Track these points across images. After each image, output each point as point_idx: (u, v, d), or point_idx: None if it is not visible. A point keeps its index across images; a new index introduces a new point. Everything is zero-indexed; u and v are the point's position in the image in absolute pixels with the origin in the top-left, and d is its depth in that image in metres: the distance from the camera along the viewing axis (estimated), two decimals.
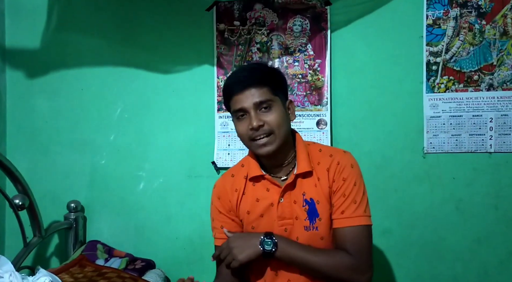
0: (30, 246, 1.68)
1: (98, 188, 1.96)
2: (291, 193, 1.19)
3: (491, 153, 1.67)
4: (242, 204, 1.23)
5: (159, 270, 1.79)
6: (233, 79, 1.19)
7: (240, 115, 1.15)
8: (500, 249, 1.66)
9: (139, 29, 1.92)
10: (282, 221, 1.18)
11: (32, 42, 1.99)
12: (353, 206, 1.14)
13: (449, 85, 1.70)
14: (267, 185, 1.21)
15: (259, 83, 1.13)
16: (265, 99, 1.13)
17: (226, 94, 1.19)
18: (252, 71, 1.18)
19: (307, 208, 1.17)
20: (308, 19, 1.79)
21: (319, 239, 1.17)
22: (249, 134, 1.13)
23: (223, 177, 1.30)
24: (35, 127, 2.00)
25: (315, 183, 1.18)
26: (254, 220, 1.20)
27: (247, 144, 1.17)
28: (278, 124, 1.13)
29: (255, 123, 1.11)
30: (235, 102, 1.15)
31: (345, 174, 1.16)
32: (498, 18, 1.66)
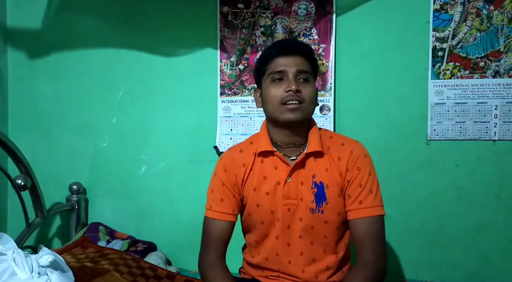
0: (32, 226, 1.69)
1: (100, 170, 1.96)
2: (300, 173, 1.18)
3: (495, 140, 1.66)
4: (248, 180, 1.20)
5: (161, 253, 1.80)
6: (280, 44, 1.22)
7: (278, 78, 1.14)
8: (501, 237, 1.66)
9: (142, 11, 1.90)
10: (286, 201, 1.17)
11: (34, 23, 1.98)
12: (371, 196, 1.14)
13: (454, 72, 1.68)
14: (276, 162, 1.19)
15: (305, 54, 1.15)
16: (306, 70, 1.15)
17: (267, 55, 1.17)
18: (302, 43, 1.23)
19: (316, 190, 1.16)
20: (313, 3, 1.76)
21: (323, 223, 1.17)
22: (284, 96, 1.12)
23: (231, 150, 1.27)
24: (37, 108, 2.00)
25: (326, 167, 1.17)
26: (260, 197, 1.19)
27: (274, 110, 1.14)
28: (310, 98, 1.14)
29: (294, 86, 1.11)
30: (276, 64, 1.14)
31: (359, 164, 1.16)
32: (507, 4, 1.63)
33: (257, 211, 1.20)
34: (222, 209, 1.20)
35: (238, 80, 1.84)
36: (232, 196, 1.22)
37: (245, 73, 1.83)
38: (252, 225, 1.23)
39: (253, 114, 1.84)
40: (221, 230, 1.20)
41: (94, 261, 1.40)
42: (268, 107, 1.16)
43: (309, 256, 1.18)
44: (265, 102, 1.17)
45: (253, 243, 1.25)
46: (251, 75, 1.82)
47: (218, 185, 1.23)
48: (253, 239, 1.25)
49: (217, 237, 1.20)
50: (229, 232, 1.21)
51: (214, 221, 1.20)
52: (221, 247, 1.20)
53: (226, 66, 1.85)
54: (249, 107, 1.84)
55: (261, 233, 1.21)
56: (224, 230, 1.20)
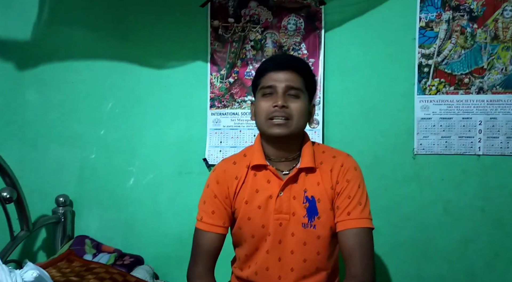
0: (17, 239, 1.66)
1: (87, 182, 1.94)
2: (292, 188, 1.18)
3: (479, 155, 1.69)
4: (240, 193, 1.21)
5: (148, 266, 1.78)
6: (274, 59, 1.27)
7: (268, 93, 1.16)
8: (487, 251, 1.68)
9: (133, 24, 1.91)
10: (278, 215, 1.17)
11: (23, 34, 1.96)
12: (359, 208, 1.15)
13: (440, 88, 1.72)
14: (269, 176, 1.20)
15: (296, 70, 1.16)
16: (296, 86, 1.15)
17: (261, 70, 1.20)
18: (294, 58, 1.26)
19: (307, 205, 1.17)
20: (302, 18, 1.79)
21: (315, 238, 1.17)
22: (270, 111, 1.13)
23: (225, 162, 1.28)
24: (24, 120, 1.98)
25: (318, 181, 1.18)
26: (251, 211, 1.19)
27: (262, 124, 1.16)
28: (299, 114, 1.15)
29: (280, 101, 1.12)
30: (267, 79, 1.16)
31: (349, 176, 1.17)
32: (490, 22, 1.68)
33: (248, 224, 1.20)
34: (213, 221, 1.21)
35: (228, 93, 1.85)
36: (223, 208, 1.22)
37: (235, 86, 1.85)
38: (242, 239, 1.23)
39: (243, 127, 1.85)
40: (211, 242, 1.20)
41: (80, 276, 1.39)
42: (257, 120, 1.19)
43: (300, 273, 1.18)
44: (256, 115, 1.20)
45: (243, 257, 1.25)
46: (241, 88, 1.84)
47: (210, 196, 1.23)
48: (243, 253, 1.24)
49: (206, 249, 1.20)
50: (219, 245, 1.22)
51: (205, 233, 1.20)
52: (210, 259, 1.20)
53: (216, 79, 1.86)
54: (239, 119, 1.85)
55: (252, 247, 1.21)
56: (214, 243, 1.20)
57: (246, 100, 1.84)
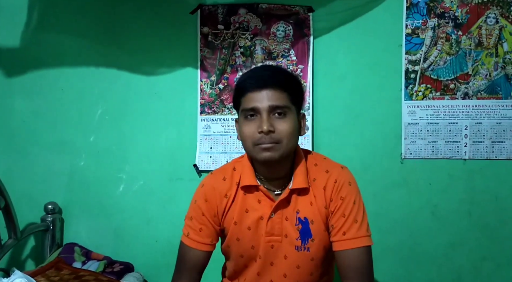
0: (5, 248, 1.64)
1: (77, 190, 1.93)
2: (284, 210, 1.12)
3: (465, 159, 1.72)
4: (229, 212, 1.15)
5: (138, 274, 1.77)
6: (252, 75, 1.09)
7: (250, 115, 1.06)
8: (474, 254, 1.71)
9: (122, 31, 1.91)
10: (269, 237, 1.12)
11: (11, 41, 1.95)
12: (355, 226, 1.08)
13: (426, 93, 1.75)
14: (260, 196, 1.13)
15: (279, 86, 1.05)
16: (282, 105, 1.04)
17: (239, 89, 1.09)
18: (275, 72, 1.09)
19: (300, 227, 1.11)
20: (291, 25, 1.82)
21: (309, 260, 1.12)
22: (256, 137, 1.04)
23: (214, 178, 1.19)
24: (12, 127, 1.96)
25: (310, 201, 1.12)
26: (240, 232, 1.14)
27: (248, 148, 1.08)
28: (288, 135, 1.05)
29: (265, 127, 1.01)
30: (248, 100, 1.05)
31: (343, 193, 1.10)
32: (474, 29, 1.72)
33: (237, 244, 1.16)
34: (200, 238, 1.16)
35: (218, 99, 1.86)
36: (211, 226, 1.17)
37: (225, 92, 1.86)
38: (231, 257, 1.21)
39: (233, 133, 1.86)
40: (197, 259, 1.17)
41: None
42: (244, 145, 1.10)
43: None
44: (241, 138, 1.11)
45: (231, 272, 1.23)
46: (231, 94, 1.85)
47: (197, 214, 1.17)
48: (231, 268, 1.22)
49: (192, 265, 1.17)
50: (205, 261, 1.18)
51: (191, 249, 1.17)
52: (195, 274, 1.17)
53: (206, 85, 1.87)
54: (229, 125, 1.86)
55: (241, 265, 1.19)
56: (200, 259, 1.17)
57: None
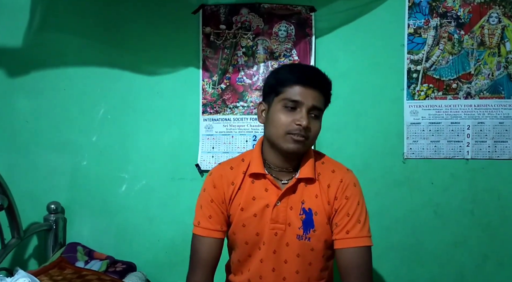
0: (8, 247, 1.65)
1: (79, 189, 1.93)
2: (290, 198, 1.17)
3: (468, 159, 1.72)
4: (236, 199, 1.20)
5: (140, 273, 1.78)
6: (304, 71, 1.15)
7: (291, 106, 1.11)
8: (476, 253, 1.71)
9: (125, 30, 1.91)
10: (274, 225, 1.16)
11: (14, 41, 1.95)
12: (358, 226, 1.13)
13: (428, 93, 1.75)
14: (267, 185, 1.18)
15: (323, 90, 1.14)
16: (320, 107, 1.14)
17: (288, 78, 1.12)
18: (324, 76, 1.17)
19: (304, 217, 1.15)
20: (293, 25, 1.82)
21: (309, 250, 1.16)
22: (292, 127, 1.10)
23: (221, 167, 1.25)
24: (15, 127, 1.96)
25: (316, 193, 1.17)
26: (247, 218, 1.18)
27: (278, 137, 1.12)
28: (316, 135, 1.15)
29: (305, 122, 1.09)
30: (293, 92, 1.10)
31: (348, 193, 1.16)
32: (476, 29, 1.72)
33: (242, 231, 1.19)
34: (210, 225, 1.19)
35: (220, 99, 1.86)
36: (220, 212, 1.20)
37: (227, 92, 1.86)
38: (235, 244, 1.23)
39: (235, 133, 1.86)
40: (210, 248, 1.19)
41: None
42: (272, 130, 1.14)
43: None
44: (270, 123, 1.15)
45: (235, 261, 1.25)
46: (233, 94, 1.85)
47: (206, 201, 1.21)
48: (235, 258, 1.25)
49: (205, 257, 1.18)
50: (218, 250, 1.20)
51: (203, 238, 1.19)
52: (209, 268, 1.19)
53: (208, 85, 1.87)
54: (231, 125, 1.86)
55: (244, 253, 1.21)
56: (212, 248, 1.19)
57: (238, 106, 1.85)
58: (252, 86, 1.85)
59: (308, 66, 1.54)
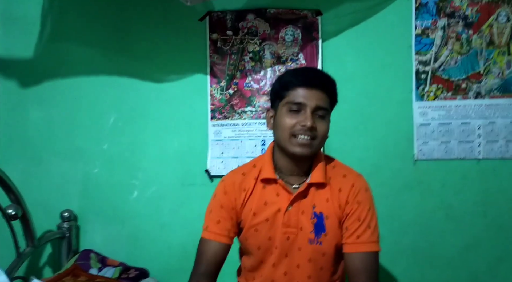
0: (23, 256, 1.67)
1: (91, 197, 1.96)
2: (301, 202, 1.18)
3: (479, 159, 1.70)
4: (247, 204, 1.21)
5: (153, 279, 1.79)
6: (304, 73, 1.18)
7: (295, 109, 1.12)
8: (489, 255, 1.68)
9: (133, 39, 1.93)
10: (286, 229, 1.17)
11: (25, 52, 1.99)
12: (368, 232, 1.14)
13: (438, 93, 1.73)
14: (278, 189, 1.19)
15: (326, 90, 1.14)
16: (325, 107, 1.14)
17: (289, 82, 1.15)
18: (325, 76, 1.18)
19: (315, 221, 1.16)
20: (299, 29, 1.82)
21: (321, 255, 1.17)
22: (297, 129, 1.11)
23: (234, 173, 1.27)
24: (27, 136, 2.00)
25: (327, 197, 1.17)
26: (259, 223, 1.19)
27: (284, 140, 1.14)
28: (323, 135, 1.15)
29: (309, 123, 1.09)
30: (296, 94, 1.12)
31: (360, 198, 1.16)
32: (485, 28, 1.70)
33: (254, 236, 1.20)
34: (218, 230, 1.20)
35: (228, 104, 1.87)
36: (229, 218, 1.21)
37: (235, 97, 1.87)
38: (248, 250, 1.24)
39: (244, 138, 1.87)
40: (215, 251, 1.19)
41: None
42: (279, 134, 1.16)
43: None
44: (277, 128, 1.17)
45: (248, 267, 1.25)
46: (241, 99, 1.86)
47: (216, 206, 1.23)
48: (249, 264, 1.25)
49: (209, 257, 1.19)
50: (222, 254, 1.21)
51: (209, 242, 1.20)
52: (212, 267, 1.19)
53: (216, 90, 1.88)
54: (240, 130, 1.87)
55: (257, 259, 1.22)
56: (217, 252, 1.19)
57: (246, 110, 1.86)
58: (260, 90, 1.85)
59: (311, 68, 1.57)
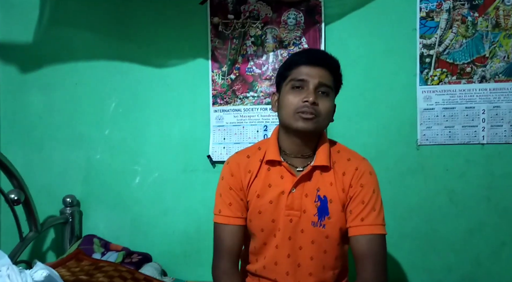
0: (26, 240, 1.68)
1: (94, 182, 1.96)
2: (305, 185, 1.18)
3: (483, 144, 1.69)
4: (253, 186, 1.21)
5: (156, 264, 1.80)
6: (308, 53, 1.21)
7: (297, 86, 1.14)
8: (492, 240, 1.68)
9: (133, 23, 1.91)
10: (289, 211, 1.17)
11: (25, 37, 1.98)
12: (373, 214, 1.14)
13: (442, 78, 1.71)
14: (282, 172, 1.19)
15: (329, 68, 1.15)
16: (328, 84, 1.14)
17: (293, 62, 1.17)
18: (328, 55, 1.20)
19: (319, 204, 1.16)
20: (302, 12, 1.79)
21: (324, 237, 1.17)
22: (300, 105, 1.11)
23: (238, 155, 1.27)
24: (29, 122, 2.00)
25: (331, 181, 1.18)
26: (262, 205, 1.19)
27: (288, 117, 1.14)
28: (326, 113, 1.14)
29: (311, 98, 1.10)
30: (299, 72, 1.14)
31: (363, 181, 1.16)
32: (491, 10, 1.67)
33: (258, 217, 1.20)
34: (231, 213, 1.21)
35: (230, 90, 1.85)
36: (239, 199, 1.22)
37: (236, 82, 1.85)
38: (251, 232, 1.24)
39: (246, 123, 1.86)
40: (233, 235, 1.20)
41: (89, 274, 1.40)
42: (283, 112, 1.16)
43: (306, 270, 1.19)
44: (281, 107, 1.18)
45: (252, 249, 1.26)
46: (243, 84, 1.84)
47: (225, 189, 1.23)
48: (252, 246, 1.25)
49: (229, 244, 1.20)
50: (240, 237, 1.22)
51: (225, 226, 1.21)
52: (234, 254, 1.21)
53: (218, 76, 1.86)
54: (242, 116, 1.86)
55: (260, 241, 1.22)
56: (235, 235, 1.21)
57: (248, 96, 1.85)
58: (262, 75, 1.83)
59: (314, 49, 1.60)
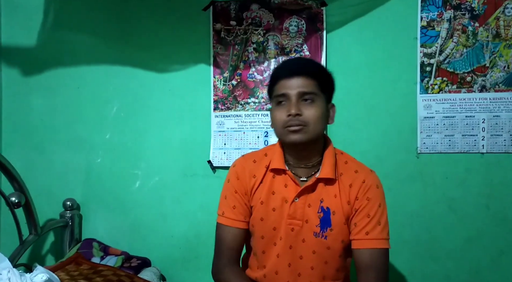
0: (25, 243, 1.68)
1: (94, 186, 1.96)
2: (308, 196, 1.18)
3: (483, 153, 1.70)
4: (257, 192, 1.21)
5: (155, 268, 1.80)
6: (284, 65, 1.23)
7: (281, 101, 1.14)
8: (491, 248, 1.68)
9: (136, 28, 1.92)
10: (291, 220, 1.17)
11: (28, 40, 1.99)
12: (378, 228, 1.14)
13: (442, 86, 1.72)
14: (287, 180, 1.20)
15: (308, 74, 1.13)
16: (309, 91, 1.12)
17: (273, 78, 1.18)
18: (305, 63, 1.21)
19: (322, 215, 1.16)
20: (304, 20, 1.80)
21: (325, 248, 1.17)
22: (285, 120, 1.12)
23: (244, 159, 1.27)
24: (30, 125, 2.00)
25: (335, 193, 1.17)
26: (266, 212, 1.19)
27: (279, 132, 1.15)
28: (315, 119, 1.12)
29: (293, 110, 1.10)
30: (280, 87, 1.14)
31: (370, 194, 1.16)
32: (491, 21, 1.68)
33: (260, 224, 1.20)
34: (234, 216, 1.22)
35: (231, 95, 1.86)
36: (244, 204, 1.22)
37: (238, 88, 1.86)
38: (253, 238, 1.24)
39: (246, 129, 1.86)
40: (234, 237, 1.21)
41: (88, 278, 1.41)
42: (274, 129, 1.18)
43: (306, 280, 1.19)
44: (272, 123, 1.19)
45: (252, 256, 1.26)
46: (244, 90, 1.85)
47: (231, 192, 1.23)
48: (253, 252, 1.26)
49: (230, 244, 1.21)
50: (241, 240, 1.23)
51: (227, 228, 1.21)
52: (234, 253, 1.21)
53: (220, 81, 1.87)
54: (243, 121, 1.87)
55: (260, 248, 1.22)
56: (236, 237, 1.21)
57: (249, 102, 1.86)
58: (263, 82, 1.84)
59: (292, 59, 1.60)
